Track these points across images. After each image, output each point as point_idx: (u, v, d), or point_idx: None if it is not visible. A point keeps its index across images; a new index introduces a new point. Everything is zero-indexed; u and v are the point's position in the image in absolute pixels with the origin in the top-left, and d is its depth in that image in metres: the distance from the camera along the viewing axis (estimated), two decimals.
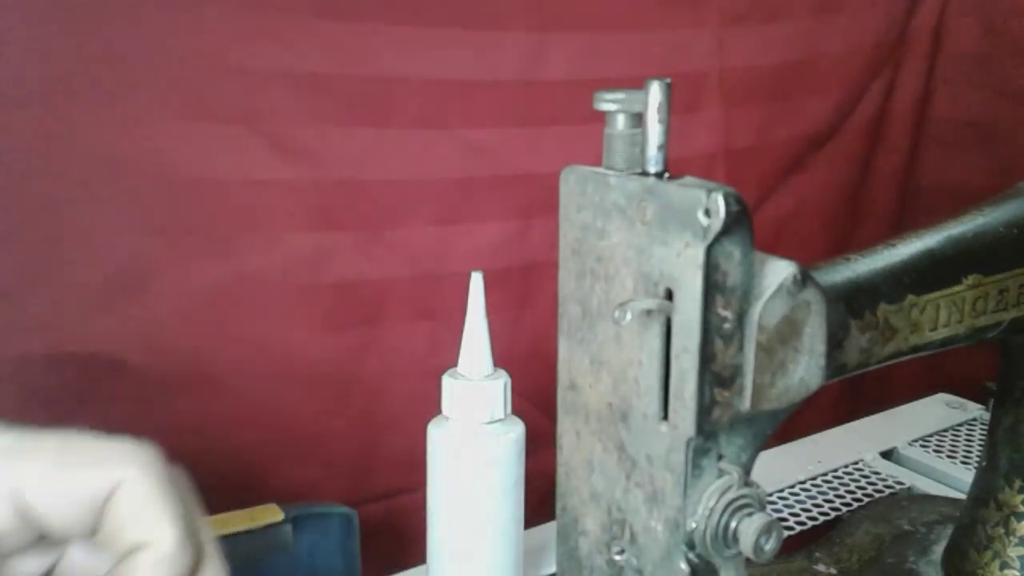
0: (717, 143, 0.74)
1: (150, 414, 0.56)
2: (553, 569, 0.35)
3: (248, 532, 0.43)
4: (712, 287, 0.27)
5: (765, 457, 0.31)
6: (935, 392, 0.79)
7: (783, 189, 0.80)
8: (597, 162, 0.31)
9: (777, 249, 0.29)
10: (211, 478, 0.60)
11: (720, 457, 0.29)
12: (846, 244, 0.87)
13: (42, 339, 0.52)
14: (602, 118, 0.30)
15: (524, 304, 0.68)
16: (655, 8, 0.69)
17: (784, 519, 0.59)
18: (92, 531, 0.27)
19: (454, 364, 0.47)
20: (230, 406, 0.59)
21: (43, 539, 0.27)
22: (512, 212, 0.66)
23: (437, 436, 0.47)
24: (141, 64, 0.52)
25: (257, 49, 0.55)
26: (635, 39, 0.68)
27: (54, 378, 0.53)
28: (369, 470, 0.64)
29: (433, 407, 0.47)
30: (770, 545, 0.28)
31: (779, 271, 0.28)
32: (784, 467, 0.65)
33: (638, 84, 0.29)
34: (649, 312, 0.28)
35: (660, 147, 0.28)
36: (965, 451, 0.68)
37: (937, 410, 0.76)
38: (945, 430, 0.72)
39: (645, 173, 0.29)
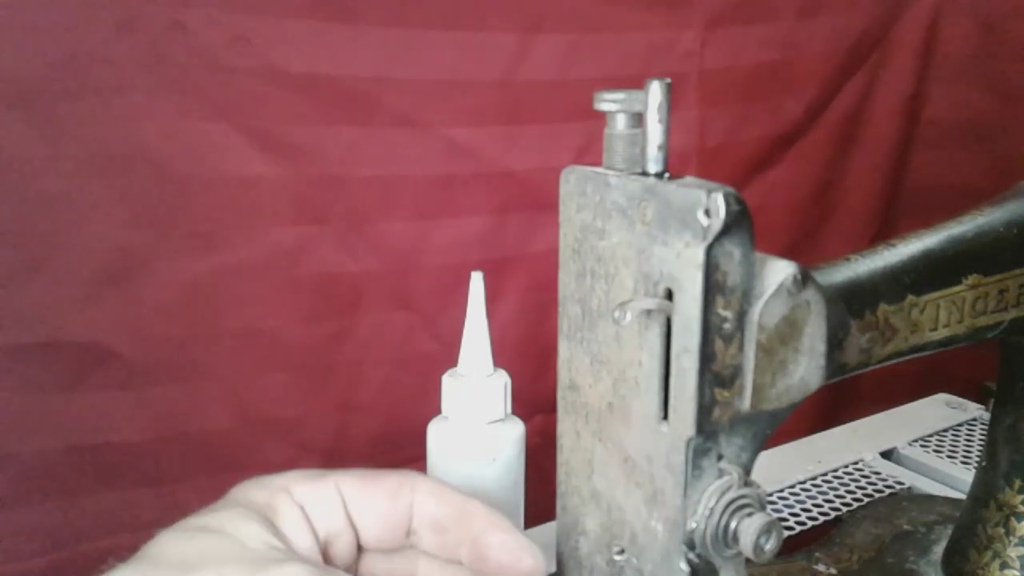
0: (691, 142, 0.75)
1: (139, 401, 0.58)
2: (553, 569, 0.35)
3: None
4: (712, 287, 0.27)
5: (765, 457, 0.31)
6: (935, 392, 0.79)
7: (753, 185, 0.81)
8: (574, 160, 0.31)
9: None
10: (193, 459, 0.62)
11: (720, 457, 0.29)
12: (815, 239, 0.88)
13: (35, 329, 0.54)
14: (581, 118, 0.30)
15: (496, 296, 0.70)
16: (640, 10, 0.70)
17: (784, 519, 0.59)
18: (397, 527, 0.32)
19: (426, 353, 0.48)
20: (214, 391, 0.61)
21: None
22: (487, 208, 0.68)
23: (437, 436, 0.47)
24: (134, 64, 0.53)
25: (245, 49, 0.56)
26: (618, 40, 0.69)
27: (47, 367, 0.55)
28: (342, 451, 0.67)
29: (404, 392, 0.47)
30: (770, 545, 0.28)
31: (779, 271, 0.28)
32: (784, 467, 0.65)
33: (618, 85, 0.29)
34: (649, 312, 0.28)
35: (660, 147, 0.28)
36: (965, 451, 0.68)
37: (937, 410, 0.76)
38: (945, 430, 0.72)
39: (645, 173, 0.29)
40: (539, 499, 0.51)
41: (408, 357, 0.65)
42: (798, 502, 0.61)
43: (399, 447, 0.67)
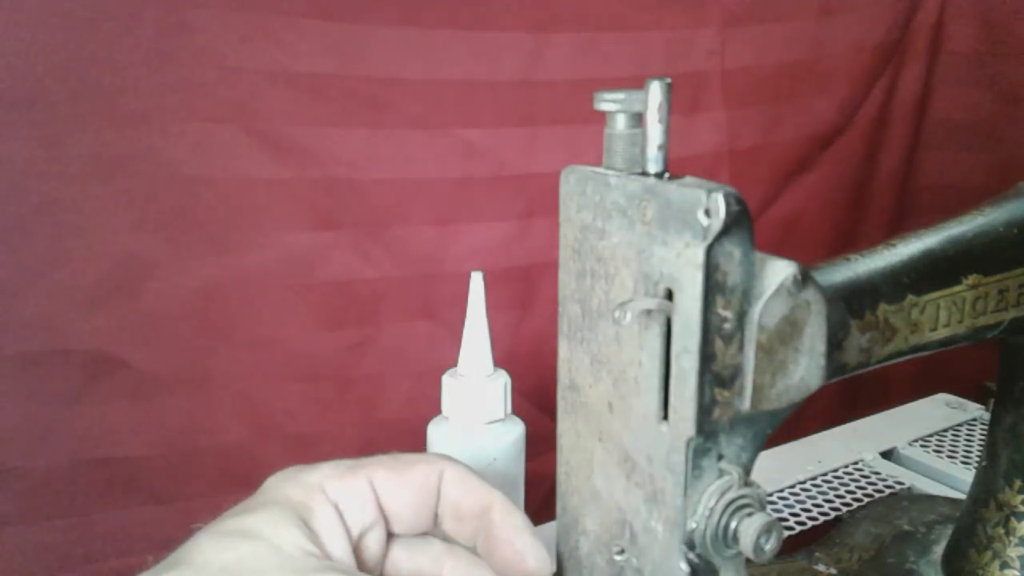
0: (721, 143, 0.74)
1: (148, 411, 0.56)
2: (553, 569, 0.35)
3: None
4: (712, 287, 0.27)
5: (765, 457, 0.31)
6: (935, 392, 0.79)
7: (791, 189, 0.80)
8: (596, 162, 0.31)
9: (785, 249, 0.29)
10: (206, 474, 0.60)
11: (720, 457, 0.29)
12: (851, 243, 0.87)
13: (42, 337, 0.53)
14: (600, 118, 0.30)
15: (523, 304, 0.68)
16: (656, 8, 0.69)
17: (784, 519, 0.59)
18: (425, 514, 0.33)
19: (451, 364, 0.48)
20: (228, 403, 0.59)
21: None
22: (510, 212, 0.66)
23: (437, 436, 0.47)
24: (138, 64, 0.52)
25: (253, 49, 0.55)
26: (635, 39, 0.68)
27: (52, 377, 0.53)
28: None
29: (430, 407, 0.47)
30: (770, 545, 0.28)
31: (779, 271, 0.28)
32: (784, 467, 0.65)
33: (638, 84, 0.29)
34: (649, 312, 0.28)
35: (660, 147, 0.28)
36: (965, 451, 0.68)
37: (937, 410, 0.76)
38: (945, 430, 0.72)
39: (645, 173, 0.29)
40: (540, 499, 0.50)
41: (433, 369, 0.64)
42: (798, 502, 0.61)
43: None
